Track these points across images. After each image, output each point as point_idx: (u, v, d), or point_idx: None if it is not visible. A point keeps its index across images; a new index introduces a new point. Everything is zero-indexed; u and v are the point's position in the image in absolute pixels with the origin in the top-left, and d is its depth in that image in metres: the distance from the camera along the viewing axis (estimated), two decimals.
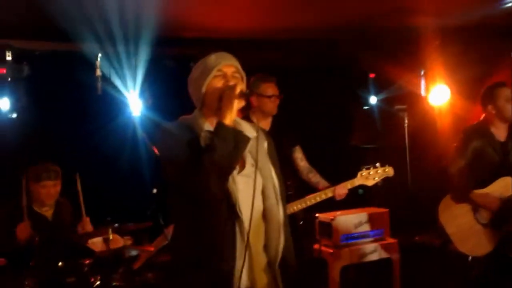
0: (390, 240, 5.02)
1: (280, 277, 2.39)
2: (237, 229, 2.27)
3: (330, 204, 4.21)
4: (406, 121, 4.01)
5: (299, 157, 4.31)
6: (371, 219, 4.97)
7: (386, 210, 5.08)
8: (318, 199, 4.05)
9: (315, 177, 4.28)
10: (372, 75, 6.25)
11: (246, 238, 2.26)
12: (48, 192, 4.12)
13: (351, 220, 4.90)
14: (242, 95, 2.31)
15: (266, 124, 4.15)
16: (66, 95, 5.08)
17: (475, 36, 5.44)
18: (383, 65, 6.14)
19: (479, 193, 4.03)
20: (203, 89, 2.36)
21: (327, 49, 6.00)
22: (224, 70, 2.38)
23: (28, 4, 3.70)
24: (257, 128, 2.44)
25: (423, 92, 5.48)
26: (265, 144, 2.48)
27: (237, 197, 2.27)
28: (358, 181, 4.08)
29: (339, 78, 6.48)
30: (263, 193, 2.38)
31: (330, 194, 4.05)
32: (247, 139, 2.29)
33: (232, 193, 2.26)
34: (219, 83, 2.35)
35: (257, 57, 5.61)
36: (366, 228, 4.94)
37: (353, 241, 4.85)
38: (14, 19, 4.07)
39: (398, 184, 4.37)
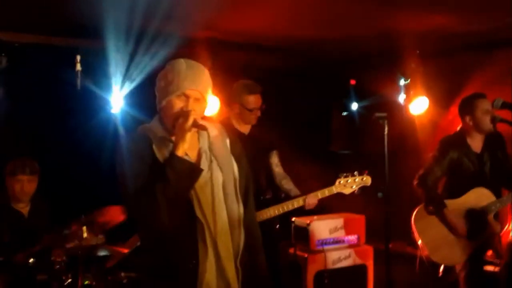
0: (365, 247, 5.05)
1: (240, 275, 2.40)
2: (198, 226, 2.30)
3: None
4: (386, 128, 4.03)
5: (275, 163, 4.32)
6: (347, 225, 5.00)
7: (362, 216, 5.11)
8: (290, 207, 4.05)
9: (287, 184, 4.30)
10: (352, 82, 6.28)
11: (209, 235, 2.30)
12: (22, 187, 4.05)
13: (326, 225, 4.93)
14: (196, 125, 2.30)
15: (245, 128, 4.15)
16: (45, 89, 5.00)
17: (453, 47, 5.54)
18: (363, 72, 6.21)
19: (451, 212, 4.07)
20: (163, 103, 2.38)
21: (308, 54, 6.03)
22: (187, 93, 2.35)
23: None
24: (218, 126, 2.51)
25: (402, 101, 5.53)
26: (227, 141, 2.51)
27: (196, 198, 2.30)
28: (336, 189, 4.07)
29: (319, 83, 6.51)
30: (223, 189, 2.40)
31: (301, 203, 4.05)
32: (199, 170, 2.31)
33: (190, 195, 2.29)
34: (178, 104, 2.35)
35: (236, 57, 5.63)
36: (341, 233, 4.97)
37: (328, 246, 4.87)
38: None
39: (375, 190, 4.40)
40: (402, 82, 5.52)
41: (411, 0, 4.06)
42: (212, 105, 4.76)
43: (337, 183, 4.06)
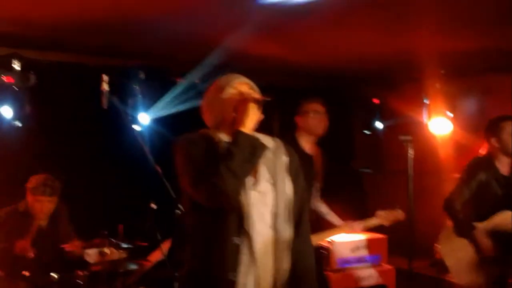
0: (387, 267, 5.01)
1: None
2: (245, 243, 2.25)
3: None
4: (411, 151, 3.99)
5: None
6: (369, 245, 4.97)
7: (385, 236, 5.07)
8: (336, 234, 4.17)
9: (323, 207, 4.26)
10: (376, 101, 6.26)
11: (253, 254, 2.25)
12: (42, 206, 4.15)
13: (348, 244, 4.90)
14: (256, 100, 2.31)
15: (313, 148, 4.20)
16: (71, 106, 5.10)
17: (479, 67, 5.49)
18: (387, 91, 6.19)
19: (481, 233, 4.02)
20: (218, 107, 2.39)
21: (331, 73, 6.04)
22: (239, 88, 2.39)
23: (39, 15, 3.74)
24: (276, 140, 2.45)
25: (425, 121, 5.49)
26: (284, 158, 2.43)
27: (248, 211, 2.25)
28: (377, 220, 4.08)
29: (342, 101, 6.50)
30: (274, 208, 2.33)
31: (347, 230, 4.12)
32: (263, 146, 2.29)
33: (243, 206, 2.24)
34: (234, 94, 2.37)
35: (260, 78, 5.67)
36: (363, 253, 4.93)
37: (349, 266, 4.84)
38: (23, 29, 4.11)
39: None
40: (425, 102, 5.48)
41: (435, 21, 4.06)
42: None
43: (378, 215, 4.08)
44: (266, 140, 2.38)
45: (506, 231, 4.00)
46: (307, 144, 4.13)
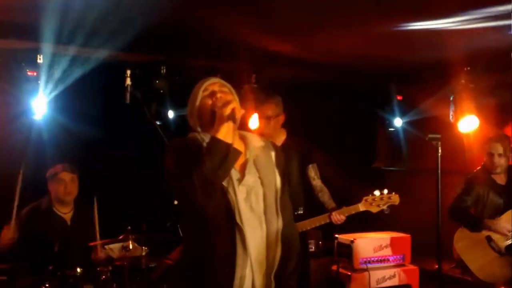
0: (411, 266, 4.94)
1: None
2: (238, 237, 2.33)
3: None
4: (440, 150, 3.97)
5: (311, 176, 4.36)
6: (392, 244, 4.90)
7: (408, 235, 5.01)
8: (317, 224, 4.15)
9: (323, 197, 4.35)
10: (399, 97, 6.18)
11: (246, 247, 2.33)
12: (66, 187, 4.18)
13: (371, 243, 4.85)
14: (230, 117, 2.35)
15: (279, 141, 4.22)
16: (94, 101, 5.11)
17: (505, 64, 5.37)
18: (411, 88, 6.10)
19: (492, 221, 4.28)
20: (195, 113, 2.51)
21: (354, 69, 5.97)
22: (210, 88, 2.51)
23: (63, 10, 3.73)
24: (265, 139, 2.56)
25: (451, 118, 5.39)
26: (272, 154, 2.54)
27: (237, 207, 2.33)
28: (362, 207, 4.10)
29: (366, 97, 6.43)
30: (264, 201, 2.42)
31: (327, 220, 4.14)
32: (236, 152, 2.35)
33: (232, 203, 2.33)
34: (208, 102, 2.48)
35: (281, 71, 5.63)
36: (386, 252, 4.87)
37: (372, 265, 4.78)
38: (46, 23, 4.11)
39: (424, 210, 4.38)
40: (451, 99, 5.39)
41: (460, 18, 3.99)
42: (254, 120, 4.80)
43: (363, 201, 4.09)
44: (255, 140, 2.52)
45: None
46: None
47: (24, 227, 4.06)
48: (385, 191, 4.11)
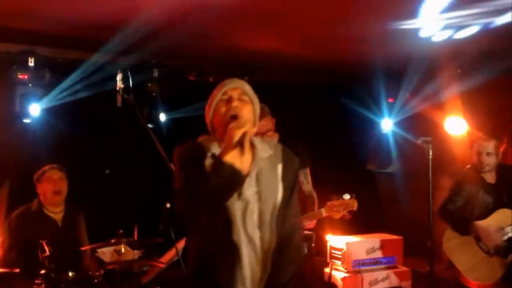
0: (403, 268, 4.96)
1: None
2: (235, 251, 2.28)
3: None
4: (431, 153, 3.99)
5: (301, 181, 4.29)
6: (384, 246, 4.92)
7: (400, 237, 5.04)
8: None
9: (307, 202, 4.25)
10: (390, 100, 6.20)
11: (243, 260, 2.29)
12: (54, 186, 4.15)
13: (363, 245, 4.86)
14: (239, 143, 2.20)
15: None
16: (85, 104, 5.09)
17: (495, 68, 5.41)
18: (401, 91, 6.12)
19: (480, 226, 4.24)
20: (210, 114, 2.42)
21: (344, 71, 6.00)
22: (229, 93, 2.39)
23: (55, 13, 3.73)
24: (276, 147, 2.44)
25: (441, 121, 5.43)
26: (279, 167, 2.41)
27: (234, 220, 2.27)
28: (325, 212, 4.00)
29: (357, 100, 6.44)
30: (259, 218, 2.32)
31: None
32: (243, 178, 2.23)
33: (230, 215, 2.27)
34: (222, 108, 2.37)
35: (272, 76, 5.64)
36: (378, 254, 4.89)
37: (365, 267, 4.80)
38: (40, 26, 4.10)
39: (415, 211, 4.39)
40: (440, 101, 5.43)
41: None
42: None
43: (326, 206, 4.00)
44: (263, 149, 2.38)
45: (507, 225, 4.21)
46: None
47: (15, 230, 4.03)
48: (346, 196, 3.97)
